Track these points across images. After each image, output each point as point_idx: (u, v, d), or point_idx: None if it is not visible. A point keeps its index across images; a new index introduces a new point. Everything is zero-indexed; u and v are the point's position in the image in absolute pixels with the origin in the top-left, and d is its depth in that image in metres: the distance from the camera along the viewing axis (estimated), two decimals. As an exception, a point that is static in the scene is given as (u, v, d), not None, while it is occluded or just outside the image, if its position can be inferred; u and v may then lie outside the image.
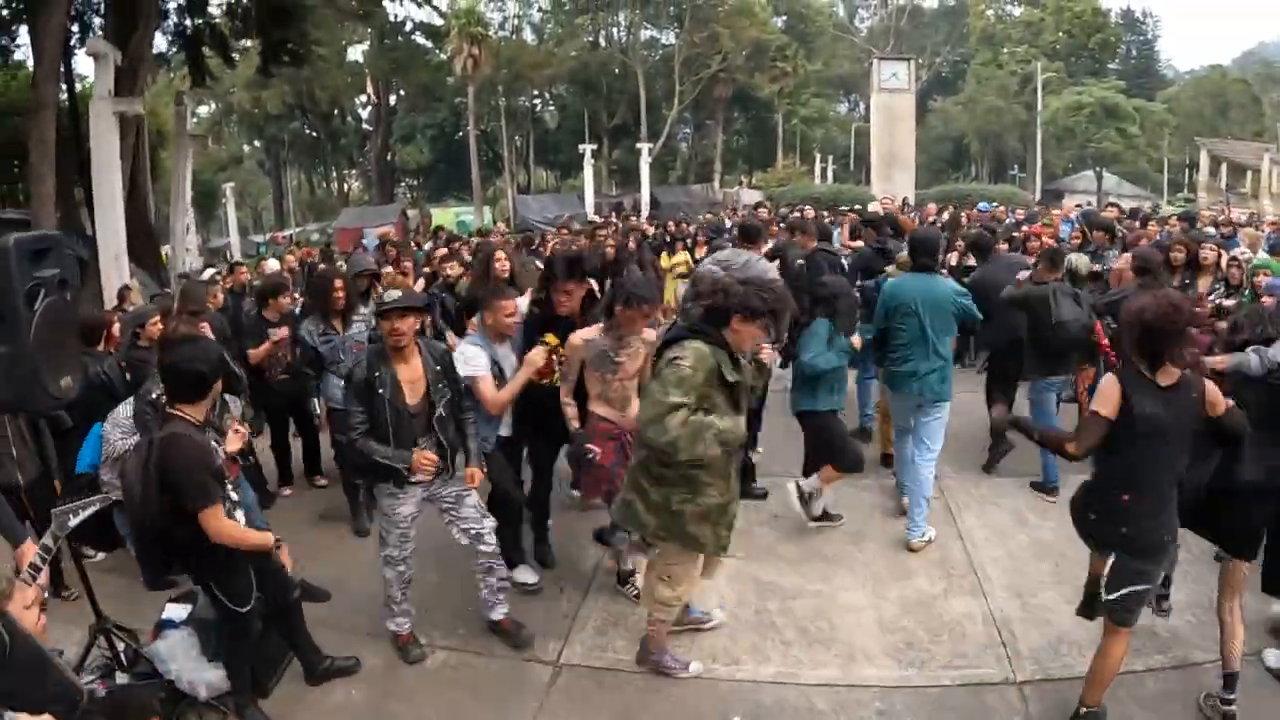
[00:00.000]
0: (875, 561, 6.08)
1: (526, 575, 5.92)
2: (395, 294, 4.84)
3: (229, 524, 4.16)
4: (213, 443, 4.31)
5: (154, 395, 5.34)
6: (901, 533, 6.35)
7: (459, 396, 5.15)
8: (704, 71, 49.62)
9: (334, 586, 5.90)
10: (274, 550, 4.53)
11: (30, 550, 3.81)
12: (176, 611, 5.12)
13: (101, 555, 6.65)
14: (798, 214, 15.72)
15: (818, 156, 51.55)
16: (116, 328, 7.61)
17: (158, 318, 7.23)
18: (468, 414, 5.26)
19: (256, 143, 60.66)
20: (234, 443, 4.67)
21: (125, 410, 5.96)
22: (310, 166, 65.68)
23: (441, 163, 60.04)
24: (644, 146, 38.58)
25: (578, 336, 5.38)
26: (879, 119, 37.66)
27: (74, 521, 3.39)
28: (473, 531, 5.09)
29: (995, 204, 23.89)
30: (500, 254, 8.36)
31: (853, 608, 5.48)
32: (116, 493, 5.98)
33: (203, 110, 47.46)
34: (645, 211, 33.42)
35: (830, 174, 48.92)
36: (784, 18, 55.71)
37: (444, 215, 40.62)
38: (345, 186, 66.07)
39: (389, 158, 57.43)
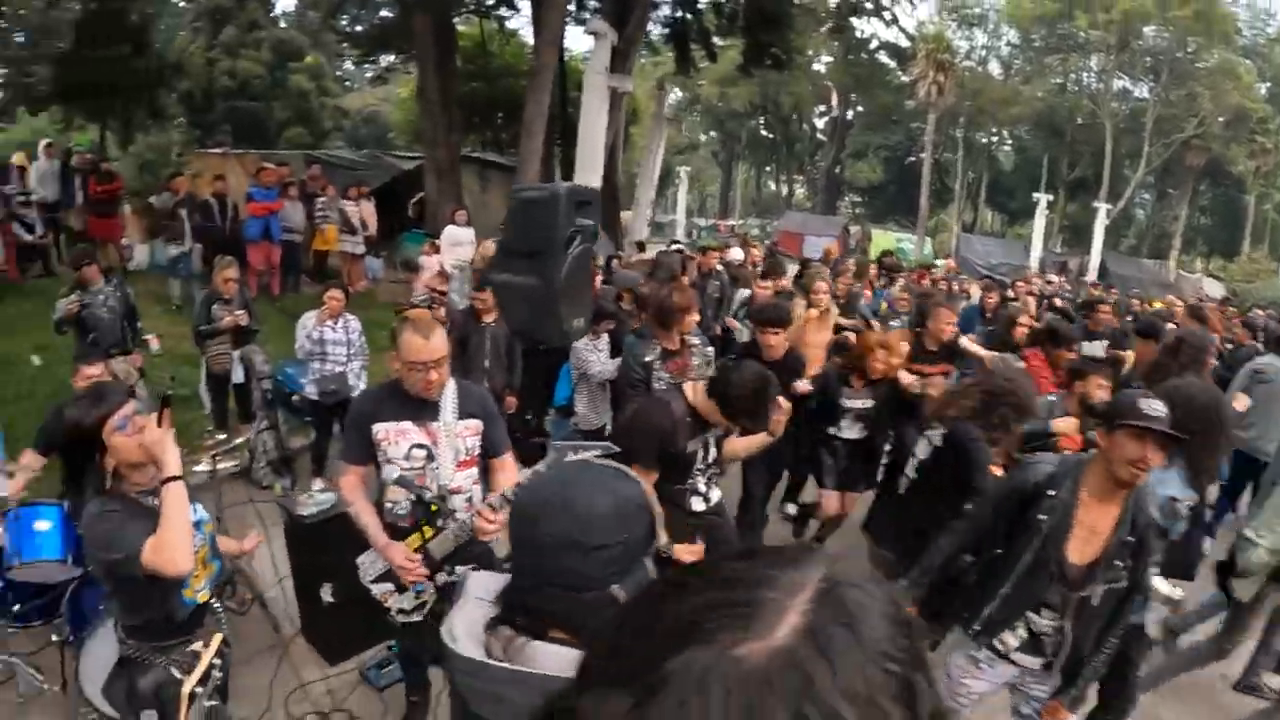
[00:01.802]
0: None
1: None
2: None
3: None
4: (710, 439, 4.47)
5: (647, 358, 5.75)
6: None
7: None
8: (1176, 134, 45.66)
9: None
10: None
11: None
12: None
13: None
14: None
15: (1289, 255, 45.93)
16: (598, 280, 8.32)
17: (643, 281, 7.80)
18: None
19: (713, 133, 63.26)
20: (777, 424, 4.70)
21: (584, 343, 6.47)
22: (760, 164, 67.47)
23: (890, 184, 59.52)
24: (1101, 206, 35.53)
25: None
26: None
27: (569, 460, 3.58)
28: None
29: None
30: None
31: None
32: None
33: (670, 97, 49.96)
34: (1093, 276, 31.31)
35: (1303, 278, 43.03)
36: (1268, 84, 49.33)
37: (885, 238, 39.87)
38: (790, 190, 67.32)
39: (838, 170, 57.95)
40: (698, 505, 4.53)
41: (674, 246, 14.91)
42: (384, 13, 29.64)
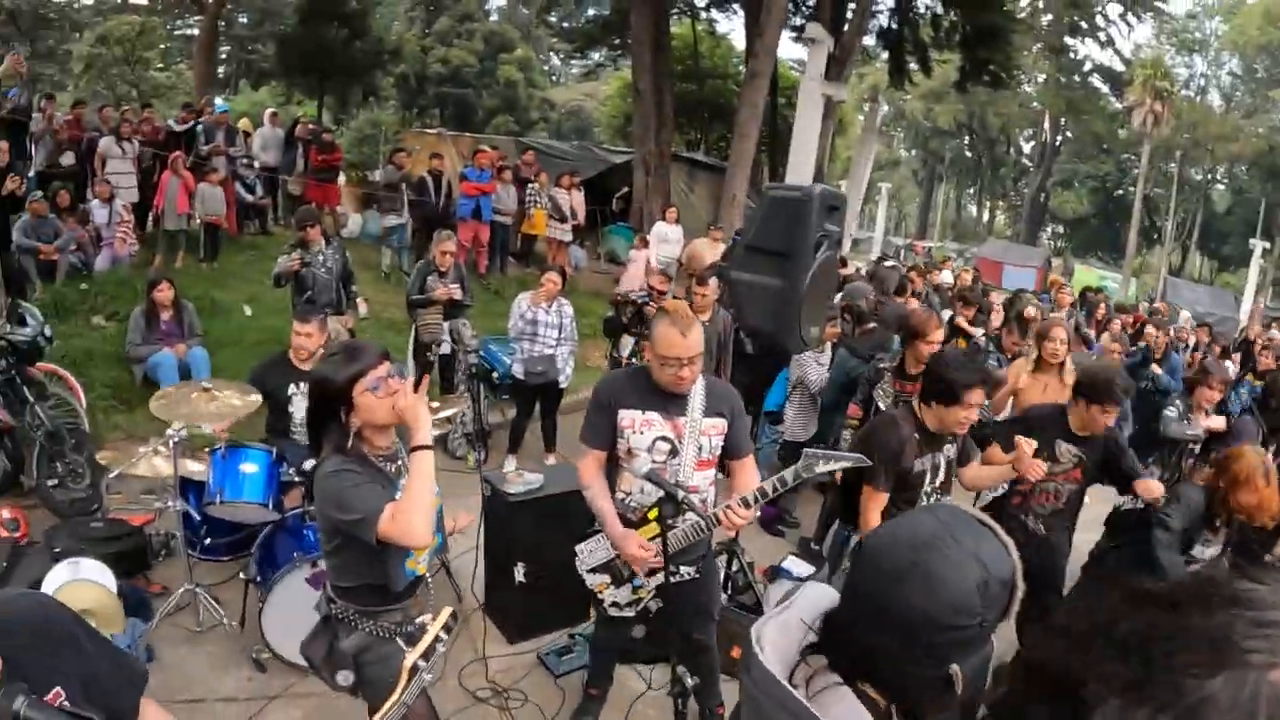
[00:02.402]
0: None
1: None
2: None
3: (869, 506, 4.12)
4: (945, 456, 4.27)
5: (883, 365, 5.53)
6: None
7: None
8: None
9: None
10: None
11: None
12: (796, 566, 5.30)
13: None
14: None
15: None
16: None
17: (870, 295, 7.59)
18: None
19: (915, 151, 61.99)
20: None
21: (811, 355, 6.26)
22: (962, 187, 65.63)
23: (1094, 217, 56.73)
24: (1319, 260, 32.78)
25: None
26: None
27: (820, 468, 3.36)
28: None
29: None
30: None
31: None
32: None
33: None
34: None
35: None
36: None
37: (1088, 275, 37.27)
38: (991, 215, 65.32)
39: (1042, 198, 55.78)
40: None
41: (888, 263, 14.55)
42: (592, 11, 30.18)
